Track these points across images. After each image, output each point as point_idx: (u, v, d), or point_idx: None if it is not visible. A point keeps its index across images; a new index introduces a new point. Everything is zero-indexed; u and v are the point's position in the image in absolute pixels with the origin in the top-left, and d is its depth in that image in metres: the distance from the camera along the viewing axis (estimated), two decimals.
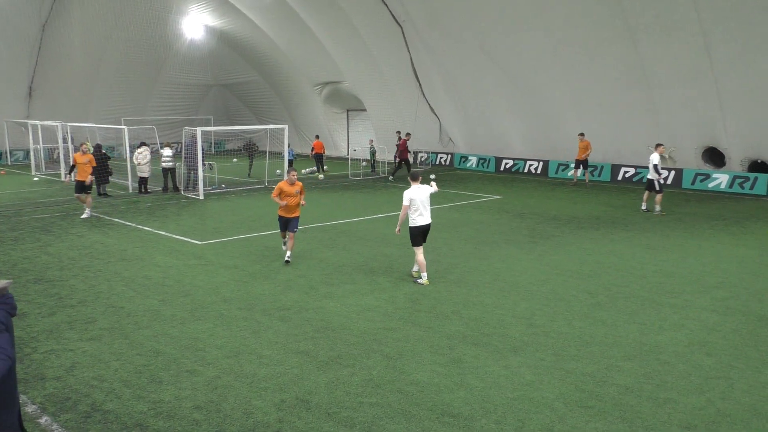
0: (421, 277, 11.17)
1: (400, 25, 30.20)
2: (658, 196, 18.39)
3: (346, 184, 26.44)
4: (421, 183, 11.19)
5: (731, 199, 21.95)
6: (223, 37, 40.32)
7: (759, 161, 23.35)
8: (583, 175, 26.09)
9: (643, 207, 18.93)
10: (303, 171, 30.73)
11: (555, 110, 27.61)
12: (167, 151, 23.78)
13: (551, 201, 21.18)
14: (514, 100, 28.72)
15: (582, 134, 25.26)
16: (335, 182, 27.25)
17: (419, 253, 11.11)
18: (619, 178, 26.48)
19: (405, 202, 10.92)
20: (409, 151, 29.59)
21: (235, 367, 7.51)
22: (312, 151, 31.04)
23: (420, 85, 32.40)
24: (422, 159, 34.21)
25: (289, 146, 30.69)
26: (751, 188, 22.80)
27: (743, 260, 12.92)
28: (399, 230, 11.48)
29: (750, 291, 10.68)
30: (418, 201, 10.95)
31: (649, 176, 18.55)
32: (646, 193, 18.93)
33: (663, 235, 15.43)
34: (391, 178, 28.10)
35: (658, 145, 18.75)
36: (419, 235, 11.09)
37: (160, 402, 6.61)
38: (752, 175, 22.97)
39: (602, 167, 27.11)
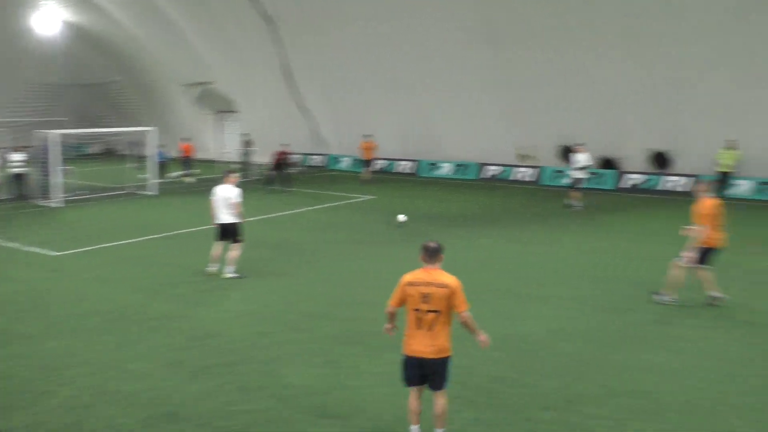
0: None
1: (270, 23, 29.84)
2: (576, 193, 19.35)
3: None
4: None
5: (586, 194, 23.55)
6: (82, 33, 37.93)
7: (607, 158, 25.32)
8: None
9: (572, 203, 19.44)
10: (172, 175, 29.51)
11: (424, 111, 28.41)
12: (17, 156, 22.02)
13: (422, 200, 21.72)
14: (386, 100, 29.24)
15: (369, 136, 27.04)
16: (206, 186, 26.37)
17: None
18: (486, 176, 27.67)
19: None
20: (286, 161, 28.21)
21: (97, 384, 7.09)
22: (181, 153, 29.89)
23: (292, 85, 32.18)
24: (295, 161, 33.96)
25: (161, 147, 29.41)
26: (601, 183, 24.64)
27: (595, 251, 13.91)
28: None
29: (602, 279, 11.51)
30: (220, 199, 11.47)
31: (578, 175, 19.38)
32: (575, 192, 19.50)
33: (526, 230, 16.29)
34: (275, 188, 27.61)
35: (580, 145, 19.62)
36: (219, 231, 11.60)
37: (13, 430, 6.10)
38: (602, 171, 24.84)
39: (469, 166, 28.22)
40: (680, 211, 19.09)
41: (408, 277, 5.81)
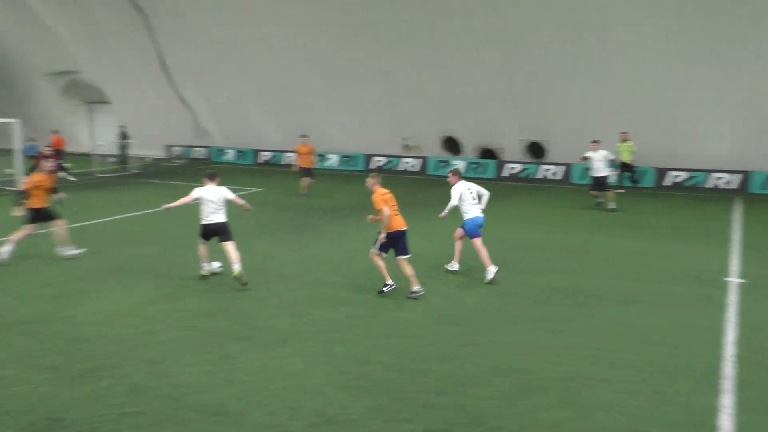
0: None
1: (142, 13, 28.51)
2: (611, 194, 17.97)
3: (93, 182, 24.37)
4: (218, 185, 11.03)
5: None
6: None
7: (487, 148, 26.42)
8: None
9: (611, 205, 17.92)
10: None
11: (305, 103, 28.29)
12: None
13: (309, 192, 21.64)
14: (265, 92, 28.86)
15: (305, 136, 21.82)
16: (81, 180, 24.95)
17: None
18: (372, 166, 28.01)
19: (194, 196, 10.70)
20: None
21: None
22: (51, 147, 28.01)
23: (167, 76, 30.96)
24: (176, 153, 32.81)
25: (32, 140, 27.49)
26: (483, 173, 25.65)
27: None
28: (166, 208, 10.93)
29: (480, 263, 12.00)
30: (210, 200, 10.80)
31: (600, 174, 17.77)
32: (611, 193, 18.03)
33: (410, 220, 16.59)
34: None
35: (595, 142, 17.98)
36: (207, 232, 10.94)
37: None
38: (483, 161, 25.88)
39: (357, 157, 28.44)
40: (554, 198, 20.38)
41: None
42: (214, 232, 10.86)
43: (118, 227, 15.60)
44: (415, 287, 9.96)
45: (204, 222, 10.84)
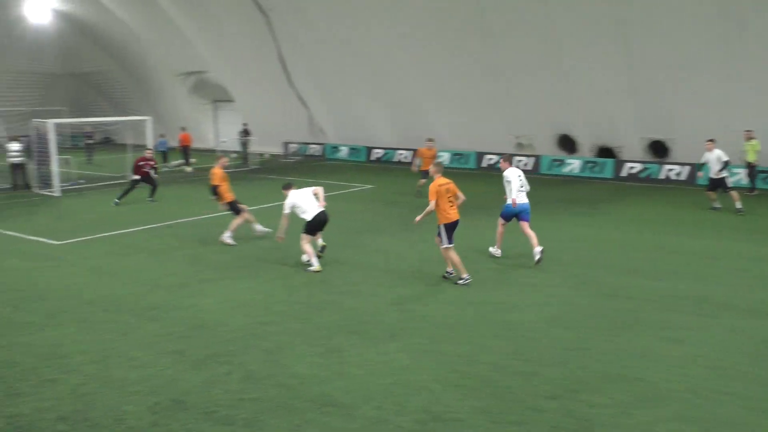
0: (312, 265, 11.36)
1: (265, 14, 29.70)
2: (734, 193, 17.14)
3: None
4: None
5: (583, 183, 23.65)
6: (73, 22, 37.69)
7: (605, 147, 25.36)
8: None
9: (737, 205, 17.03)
10: (173, 163, 29.53)
11: (417, 101, 28.37)
12: (15, 146, 21.97)
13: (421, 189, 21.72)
14: (379, 90, 29.21)
15: (431, 140, 20.70)
16: (205, 175, 26.38)
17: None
18: (484, 165, 27.68)
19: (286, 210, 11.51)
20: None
21: (102, 372, 7.12)
22: (179, 143, 29.91)
23: (288, 74, 32.07)
24: (293, 150, 33.95)
25: (162, 137, 29.60)
26: (600, 172, 24.69)
27: (594, 239, 13.98)
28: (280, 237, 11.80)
29: (600, 267, 11.57)
30: (310, 196, 11.62)
31: (717, 176, 17.03)
32: (734, 192, 17.18)
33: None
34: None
35: (710, 141, 17.25)
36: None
37: (19, 416, 6.14)
38: (600, 160, 24.88)
39: (468, 155, 28.23)
40: (678, 199, 19.26)
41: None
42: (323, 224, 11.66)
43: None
44: (464, 275, 10.44)
45: (310, 217, 11.41)
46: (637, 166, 24.09)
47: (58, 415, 6.15)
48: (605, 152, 25.51)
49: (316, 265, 11.26)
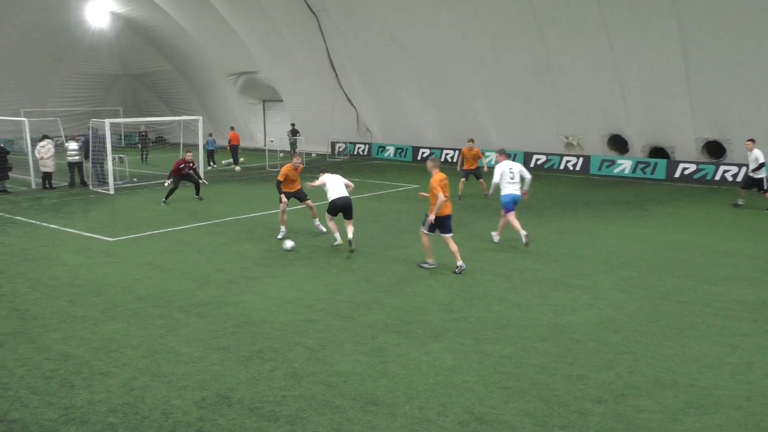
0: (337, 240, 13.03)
1: (315, 14, 29.96)
2: None
3: (264, 176, 26.06)
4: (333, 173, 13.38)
5: (634, 184, 23.11)
6: (130, 24, 38.72)
7: (658, 147, 24.69)
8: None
9: None
10: (222, 162, 30.14)
11: (466, 100, 28.17)
12: (73, 145, 22.71)
13: (466, 188, 21.58)
14: (426, 90, 29.13)
15: (471, 141, 20.33)
16: (253, 174, 26.82)
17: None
18: (531, 165, 27.33)
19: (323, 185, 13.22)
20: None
21: (151, 366, 7.30)
22: (228, 142, 30.49)
23: (336, 74, 32.29)
24: (340, 149, 34.17)
25: (211, 135, 30.28)
26: (652, 173, 24.08)
27: (645, 241, 13.65)
28: None
29: (651, 269, 11.30)
30: (337, 181, 13.07)
31: (754, 175, 17.57)
32: None
33: (573, 220, 16.07)
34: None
35: (750, 141, 17.79)
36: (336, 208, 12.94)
37: (72, 408, 6.34)
38: (653, 161, 24.26)
39: (515, 155, 27.91)
40: (733, 201, 18.63)
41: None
42: (341, 208, 12.88)
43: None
44: (459, 263, 11.16)
45: (331, 198, 12.81)
46: (691, 167, 23.42)
47: (109, 407, 6.33)
48: (658, 152, 24.87)
49: (338, 239, 12.98)
